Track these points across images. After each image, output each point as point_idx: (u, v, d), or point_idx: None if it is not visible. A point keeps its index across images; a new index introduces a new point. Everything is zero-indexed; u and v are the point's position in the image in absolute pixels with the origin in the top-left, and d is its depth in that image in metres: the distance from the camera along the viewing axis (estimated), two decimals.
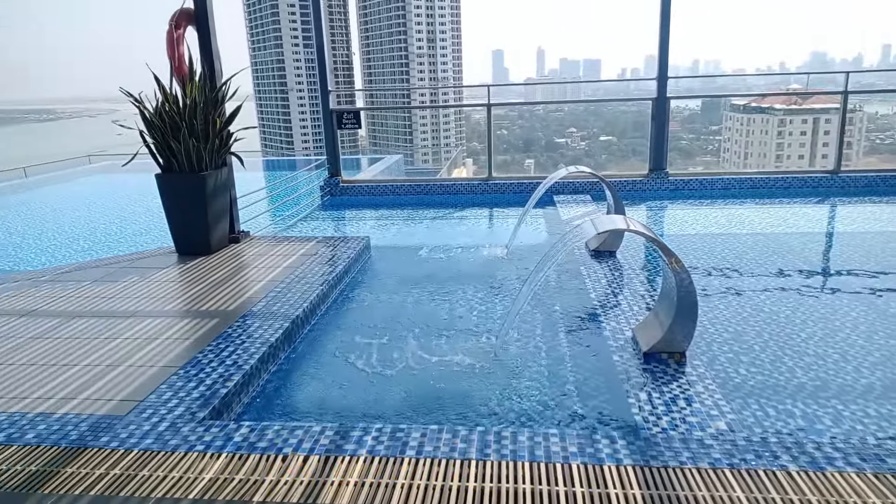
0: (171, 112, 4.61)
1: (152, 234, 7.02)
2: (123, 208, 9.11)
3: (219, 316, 3.55)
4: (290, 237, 5.48)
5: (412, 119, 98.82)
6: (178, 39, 4.75)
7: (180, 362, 2.94)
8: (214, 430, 2.34)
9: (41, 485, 2.03)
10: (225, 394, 2.65)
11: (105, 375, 2.83)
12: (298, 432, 2.30)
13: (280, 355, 3.27)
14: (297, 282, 4.09)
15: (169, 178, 4.73)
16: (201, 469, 2.10)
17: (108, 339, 3.25)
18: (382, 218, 7.10)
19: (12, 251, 6.82)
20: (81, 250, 6.71)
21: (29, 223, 8.40)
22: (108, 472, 2.10)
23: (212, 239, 4.84)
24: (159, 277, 4.30)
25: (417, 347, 3.41)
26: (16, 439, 2.32)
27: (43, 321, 3.53)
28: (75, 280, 4.29)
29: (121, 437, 2.31)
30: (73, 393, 2.67)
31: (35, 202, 9.93)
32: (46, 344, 3.21)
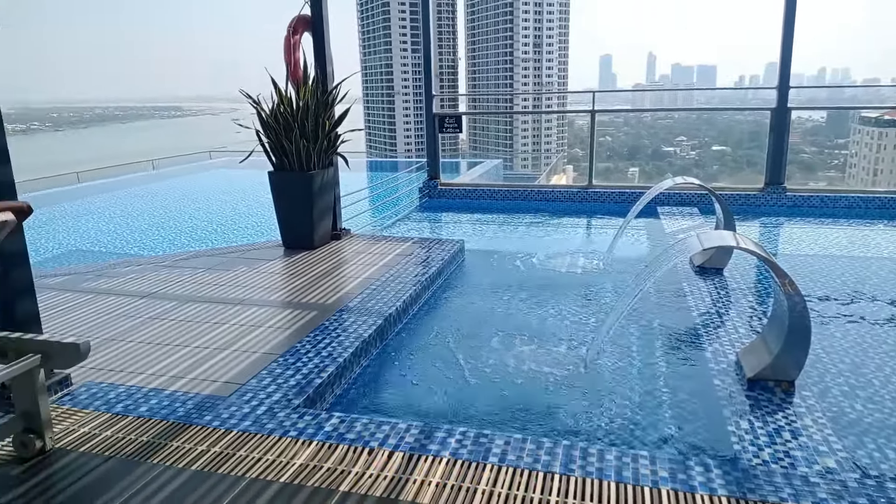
0: (285, 114, 4.86)
1: (262, 228, 7.44)
2: (238, 202, 9.71)
3: (318, 309, 3.70)
4: (388, 237, 5.62)
5: (514, 124, 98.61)
6: (295, 45, 5.01)
7: (280, 350, 3.09)
8: (307, 418, 2.44)
9: (151, 455, 2.20)
10: (319, 384, 2.75)
11: (212, 358, 3.02)
12: (385, 427, 2.35)
13: (372, 351, 3.35)
14: (392, 280, 4.19)
15: (280, 176, 4.98)
16: (293, 454, 2.19)
17: (217, 323, 3.47)
18: (478, 222, 7.12)
19: (138, 237, 7.45)
20: (198, 239, 7.22)
21: (154, 212, 9.14)
22: (209, 448, 2.24)
23: (315, 235, 5.05)
24: (266, 269, 4.54)
25: (505, 354, 3.39)
26: (131, 410, 2.52)
27: (161, 303, 3.82)
28: (191, 267, 4.61)
29: (222, 417, 2.45)
30: (183, 372, 2.88)
31: (160, 193, 10.80)
32: (163, 325, 3.47)
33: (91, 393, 2.67)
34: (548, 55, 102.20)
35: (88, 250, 6.95)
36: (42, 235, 7.42)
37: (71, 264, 6.15)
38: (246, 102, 5.00)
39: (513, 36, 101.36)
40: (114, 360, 3.01)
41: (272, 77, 4.94)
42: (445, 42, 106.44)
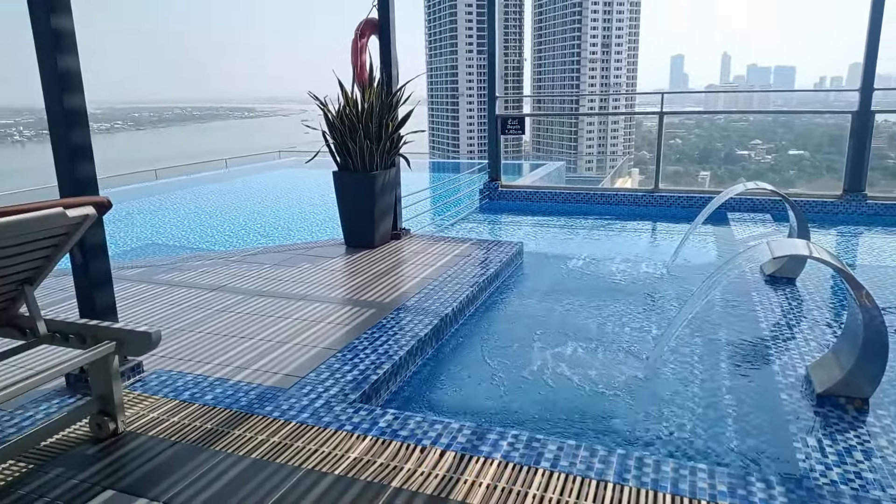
0: (350, 115, 4.97)
1: (325, 226, 7.63)
2: (303, 201, 9.99)
3: (376, 307, 3.76)
4: (447, 237, 5.65)
5: (579, 126, 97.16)
6: (362, 48, 5.11)
7: (339, 346, 3.17)
8: (363, 413, 2.49)
9: (214, 442, 2.30)
10: (375, 380, 2.80)
11: (275, 350, 3.13)
12: (438, 426, 2.37)
13: (427, 350, 3.38)
14: (450, 281, 4.21)
15: (343, 176, 5.10)
16: (348, 448, 2.24)
17: (280, 317, 3.59)
18: (538, 224, 7.06)
19: (210, 232, 7.78)
20: (265, 236, 7.47)
21: (225, 209, 9.52)
22: (268, 438, 2.32)
23: (376, 234, 5.14)
24: (328, 266, 4.65)
25: (561, 358, 3.35)
26: (197, 398, 2.64)
27: (228, 296, 3.98)
28: (258, 262, 4.78)
29: (282, 409, 2.53)
30: (247, 363, 2.99)
31: (231, 191, 11.23)
32: (230, 317, 3.62)
33: (161, 380, 2.81)
34: (616, 55, 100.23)
35: (163, 244, 7.30)
36: (121, 229, 7.85)
37: (147, 257, 6.49)
38: (313, 104, 5.14)
39: (581, 36, 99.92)
40: (183, 350, 3.16)
41: (339, 80, 5.06)
42: (511, 43, 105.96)
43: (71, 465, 2.17)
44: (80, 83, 2.58)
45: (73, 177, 2.59)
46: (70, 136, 2.56)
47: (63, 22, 2.49)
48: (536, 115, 36.48)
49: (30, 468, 2.15)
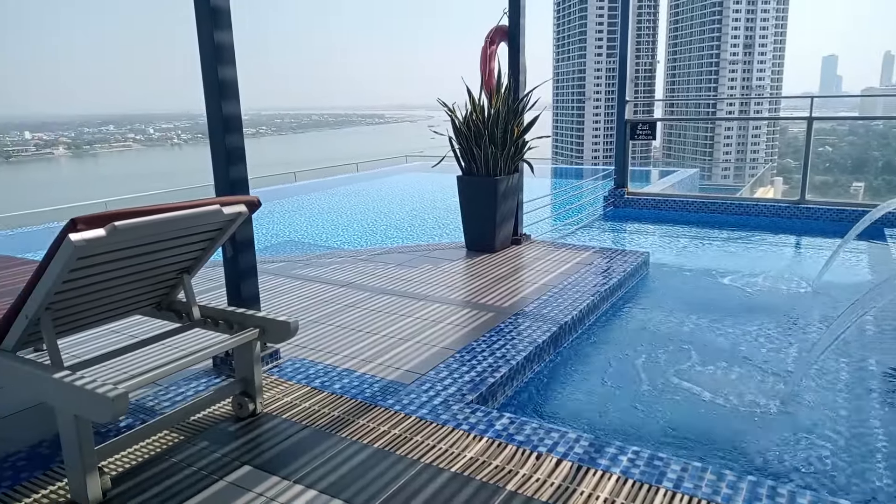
0: (476, 121, 5.05)
1: (447, 229, 7.79)
2: (427, 204, 10.26)
3: (494, 311, 3.79)
4: (568, 244, 5.57)
5: (715, 131, 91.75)
6: (491, 55, 5.18)
7: (457, 347, 3.23)
8: (479, 415, 2.52)
9: (341, 429, 2.43)
10: (492, 383, 2.83)
11: (397, 347, 3.25)
12: (554, 434, 2.35)
13: (545, 357, 3.36)
14: (570, 289, 4.15)
15: (467, 181, 5.19)
16: (464, 447, 2.28)
17: (403, 315, 3.72)
18: (667, 234, 6.77)
19: (341, 232, 8.21)
20: (390, 236, 7.76)
21: (355, 210, 10.00)
22: (389, 430, 2.41)
23: (497, 238, 5.18)
24: (449, 268, 4.75)
25: (686, 377, 3.20)
26: (327, 387, 2.81)
27: (357, 293, 4.19)
28: (383, 262, 4.99)
29: (403, 403, 2.63)
30: (372, 357, 3.13)
31: (361, 193, 11.78)
32: (357, 312, 3.80)
33: (295, 367, 3.02)
34: (760, 56, 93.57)
35: (299, 241, 7.82)
36: (263, 227, 8.49)
37: (285, 253, 6.97)
38: (441, 111, 5.28)
39: (720, 36, 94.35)
40: (315, 340, 3.37)
41: (468, 87, 5.16)
42: (644, 45, 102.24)
43: (215, 439, 2.39)
44: (237, 91, 2.84)
45: (228, 177, 2.85)
46: (226, 140, 2.82)
47: (224, 36, 2.76)
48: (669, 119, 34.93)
49: (180, 439, 2.40)
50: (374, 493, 2.02)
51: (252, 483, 2.10)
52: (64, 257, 1.88)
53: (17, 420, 2.59)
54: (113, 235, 1.93)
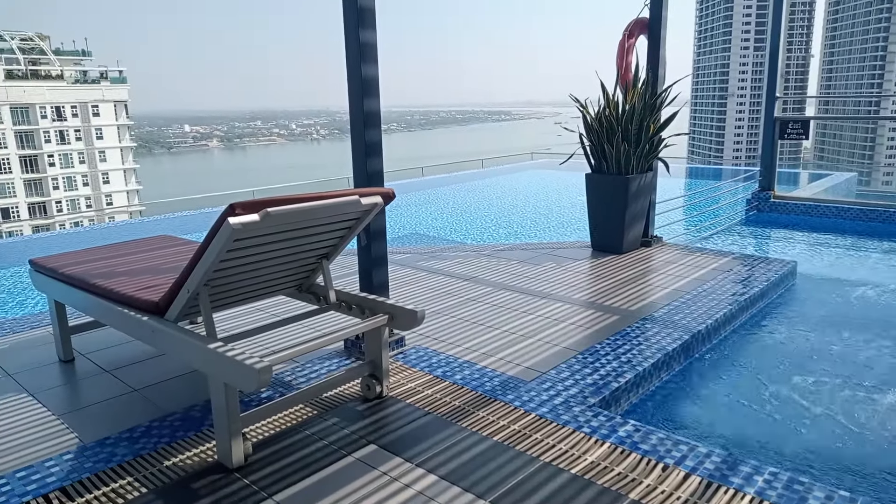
0: (609, 117, 4.91)
1: (572, 228, 7.65)
2: (552, 202, 10.13)
3: (620, 314, 3.67)
4: (704, 249, 5.26)
5: (877, 132, 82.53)
6: (629, 48, 5.01)
7: (580, 348, 3.17)
8: (601, 419, 2.46)
9: (461, 418, 2.48)
10: (616, 388, 2.75)
11: (518, 343, 3.25)
12: (683, 447, 2.24)
13: (674, 366, 3.21)
14: (704, 296, 3.92)
15: (597, 179, 5.06)
16: (585, 450, 2.24)
17: (525, 312, 3.71)
18: (817, 243, 6.19)
19: (465, 227, 8.32)
20: (513, 233, 7.75)
21: (480, 206, 10.09)
22: (509, 424, 2.42)
23: (625, 239, 5.01)
24: (573, 267, 4.67)
25: (835, 398, 2.91)
26: (448, 376, 2.86)
27: (479, 287, 4.23)
28: (506, 258, 4.99)
29: (522, 399, 2.63)
30: (493, 351, 3.15)
31: (485, 189, 11.85)
32: (479, 306, 3.84)
33: (419, 355, 3.11)
34: None
35: (424, 234, 8.02)
36: (392, 219, 8.80)
37: (411, 245, 7.19)
38: (568, 107, 5.19)
39: (889, 27, 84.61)
40: (438, 331, 3.45)
41: (601, 81, 5.03)
42: (796, 38, 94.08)
43: (344, 416, 2.52)
44: (378, 89, 2.97)
45: (366, 170, 2.99)
46: (366, 135, 2.96)
47: (368, 35, 2.89)
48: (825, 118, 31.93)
49: (313, 414, 2.56)
50: (492, 485, 2.04)
51: (377, 461, 2.19)
52: (223, 238, 2.07)
53: (174, 384, 2.89)
54: (265, 220, 2.09)
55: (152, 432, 2.45)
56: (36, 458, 2.29)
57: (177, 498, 2.02)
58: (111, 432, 2.45)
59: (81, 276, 2.80)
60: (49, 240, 8.51)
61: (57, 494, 2.06)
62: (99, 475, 2.16)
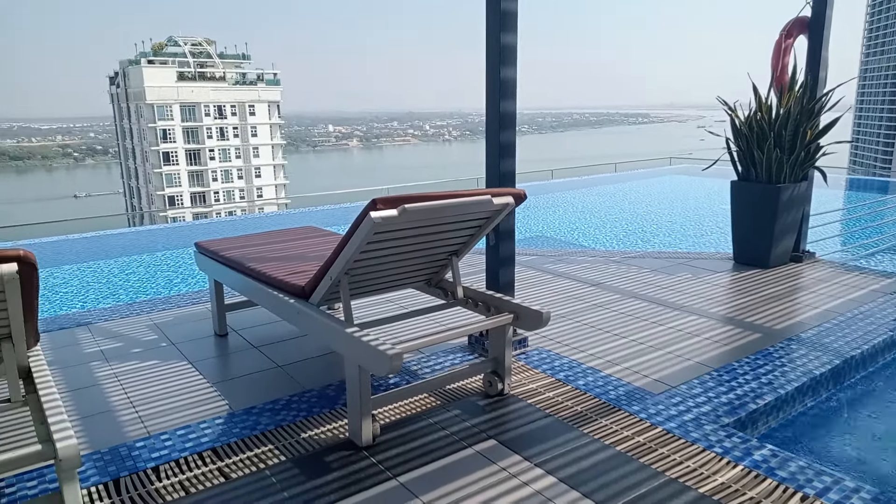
0: (761, 121, 4.59)
1: (711, 238, 7.24)
2: (690, 210, 9.62)
3: (762, 332, 3.43)
4: (863, 268, 4.77)
5: None
6: (787, 49, 4.65)
7: (714, 364, 3.00)
8: (735, 440, 2.32)
9: (583, 424, 2.45)
10: (753, 409, 2.58)
11: (646, 354, 3.14)
12: (826, 478, 2.06)
13: (821, 392, 2.95)
14: (860, 319, 3.56)
15: (744, 187, 4.75)
16: (715, 470, 2.13)
17: (655, 323, 3.57)
18: None
19: (594, 231, 8.14)
20: (645, 240, 7.47)
21: (610, 211, 9.82)
22: (633, 436, 2.36)
23: (772, 253, 4.66)
24: (711, 280, 4.42)
25: None
26: (571, 381, 2.84)
27: (606, 294, 4.13)
28: (637, 265, 4.83)
29: (649, 412, 2.54)
30: (618, 360, 3.07)
31: (618, 194, 11.51)
32: (605, 313, 3.76)
33: (540, 357, 3.11)
34: None
35: (551, 237, 7.95)
36: (519, 220, 8.81)
37: (537, 247, 7.16)
38: (714, 110, 4.92)
39: None
40: (562, 334, 3.42)
41: (753, 84, 4.71)
42: None
43: (466, 409, 2.58)
44: (515, 91, 3.00)
45: (499, 170, 3.03)
46: (501, 136, 3.00)
47: (509, 38, 2.93)
48: None
49: (436, 404, 2.64)
50: (612, 494, 2.00)
51: (496, 456, 2.23)
52: (364, 231, 2.20)
53: (313, 364, 3.10)
54: (403, 215, 2.20)
55: (292, 406, 2.66)
56: (193, 419, 2.56)
57: (311, 469, 2.18)
58: (256, 402, 2.69)
59: (238, 260, 3.09)
60: (208, 226, 9.44)
61: (209, 454, 2.30)
62: (245, 440, 2.39)
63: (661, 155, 15.26)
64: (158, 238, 8.20)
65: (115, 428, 2.49)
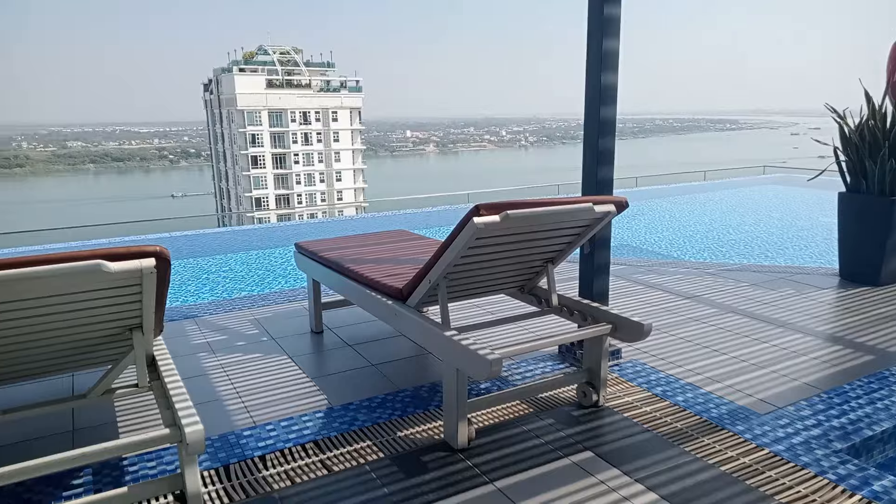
0: (874, 129, 4.31)
1: (813, 252, 6.85)
2: (788, 221, 9.13)
3: (874, 353, 3.22)
4: None
5: None
6: None
7: (824, 386, 2.84)
8: (850, 467, 2.19)
9: (684, 441, 2.37)
10: (869, 436, 2.42)
11: (748, 372, 3.01)
12: None
13: None
14: None
15: (853, 199, 4.47)
16: (829, 498, 2.01)
17: (757, 340, 3.41)
18: None
19: (684, 242, 7.87)
20: (740, 253, 7.15)
21: (701, 221, 9.46)
22: (738, 457, 2.26)
23: (883, 270, 4.36)
24: (816, 296, 4.18)
25: None
26: (669, 396, 2.75)
27: (702, 307, 3.99)
28: (734, 279, 4.63)
29: (754, 432, 2.43)
30: (719, 377, 2.96)
31: (708, 203, 11.07)
32: (702, 328, 3.62)
33: (635, 370, 3.04)
34: None
35: (637, 247, 7.75)
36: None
37: (624, 256, 6.99)
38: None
39: None
40: (656, 348, 3.33)
41: (865, 89, 4.43)
42: None
43: (559, 419, 2.56)
44: (616, 97, 2.95)
45: (596, 177, 2.99)
46: (599, 143, 2.96)
47: (611, 44, 2.89)
48: None
49: (529, 412, 2.63)
50: None
51: (594, 468, 2.19)
52: (466, 236, 2.23)
53: (405, 364, 3.16)
54: (505, 221, 2.21)
55: (386, 404, 2.72)
56: (295, 411, 2.67)
57: (409, 467, 2.23)
58: (353, 399, 2.77)
59: (337, 261, 3.20)
60: (297, 228, 9.81)
61: (311, 446, 2.39)
62: (344, 435, 2.46)
63: (754, 163, 14.52)
64: (253, 238, 8.59)
65: (224, 416, 2.63)
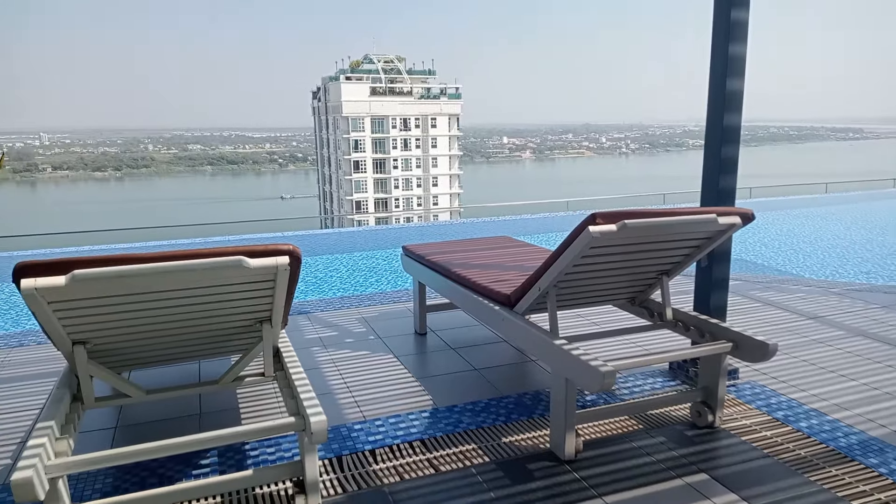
0: None
1: None
2: None
3: None
4: None
5: None
6: None
7: None
8: None
9: (808, 470, 2.22)
10: None
11: (883, 401, 2.77)
12: None
13: None
14: None
15: None
16: None
17: (891, 367, 3.14)
18: None
19: (804, 258, 7.36)
20: (870, 272, 6.60)
21: (822, 235, 8.81)
22: (871, 492, 2.09)
23: None
24: None
25: None
26: (791, 422, 2.58)
27: (827, 328, 3.71)
28: (864, 300, 4.28)
29: (890, 466, 2.24)
30: (848, 405, 2.74)
31: (830, 217, 10.29)
32: (827, 350, 3.37)
33: (754, 392, 2.87)
34: None
35: (751, 262, 7.32)
36: None
37: (739, 271, 6.63)
38: None
39: None
40: (777, 370, 3.13)
41: None
42: None
43: (671, 437, 2.46)
44: (741, 104, 2.82)
45: (717, 186, 2.86)
46: (722, 151, 2.84)
47: (738, 49, 2.76)
48: None
49: (638, 428, 2.55)
50: None
51: (710, 492, 2.10)
52: (581, 244, 2.20)
53: (507, 370, 3.17)
54: (621, 231, 2.17)
55: (490, 409, 2.73)
56: (402, 409, 2.74)
57: (515, 474, 2.22)
58: (457, 401, 2.80)
59: (444, 265, 3.25)
60: (400, 231, 10.06)
61: (418, 444, 2.44)
62: (449, 436, 2.50)
63: (882, 175, 13.37)
64: (357, 239, 8.90)
65: (337, 409, 2.74)
